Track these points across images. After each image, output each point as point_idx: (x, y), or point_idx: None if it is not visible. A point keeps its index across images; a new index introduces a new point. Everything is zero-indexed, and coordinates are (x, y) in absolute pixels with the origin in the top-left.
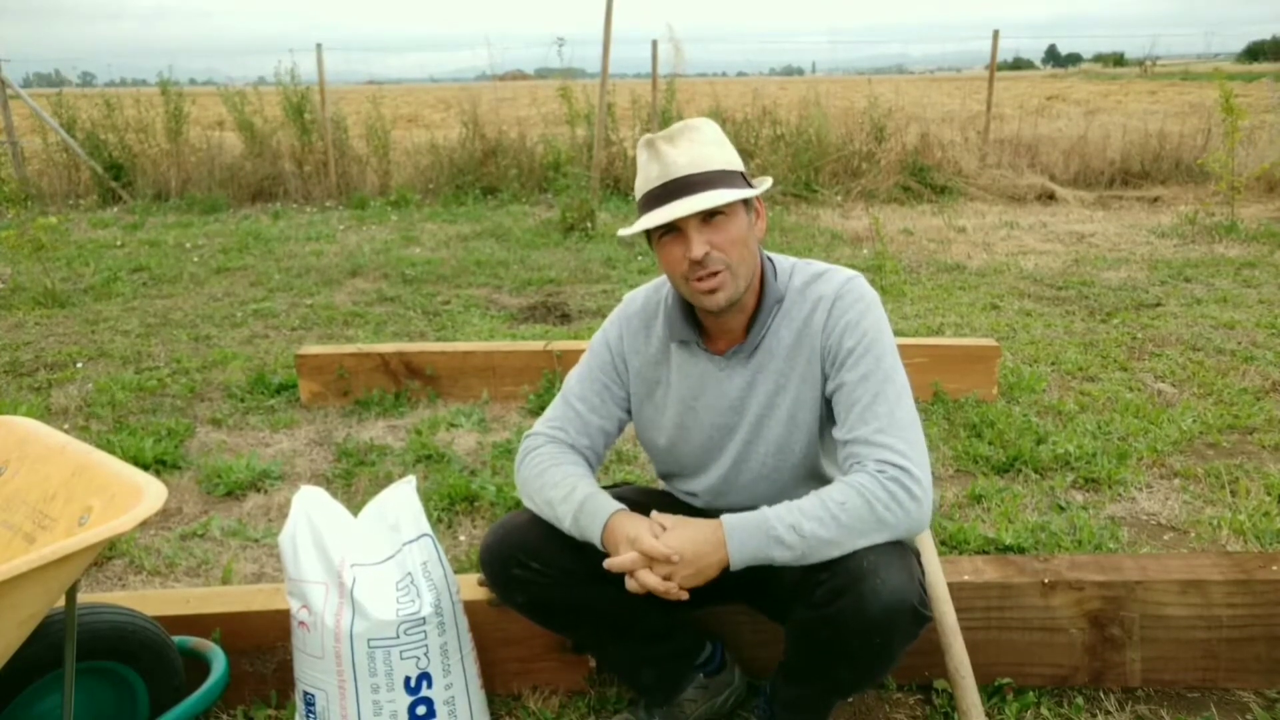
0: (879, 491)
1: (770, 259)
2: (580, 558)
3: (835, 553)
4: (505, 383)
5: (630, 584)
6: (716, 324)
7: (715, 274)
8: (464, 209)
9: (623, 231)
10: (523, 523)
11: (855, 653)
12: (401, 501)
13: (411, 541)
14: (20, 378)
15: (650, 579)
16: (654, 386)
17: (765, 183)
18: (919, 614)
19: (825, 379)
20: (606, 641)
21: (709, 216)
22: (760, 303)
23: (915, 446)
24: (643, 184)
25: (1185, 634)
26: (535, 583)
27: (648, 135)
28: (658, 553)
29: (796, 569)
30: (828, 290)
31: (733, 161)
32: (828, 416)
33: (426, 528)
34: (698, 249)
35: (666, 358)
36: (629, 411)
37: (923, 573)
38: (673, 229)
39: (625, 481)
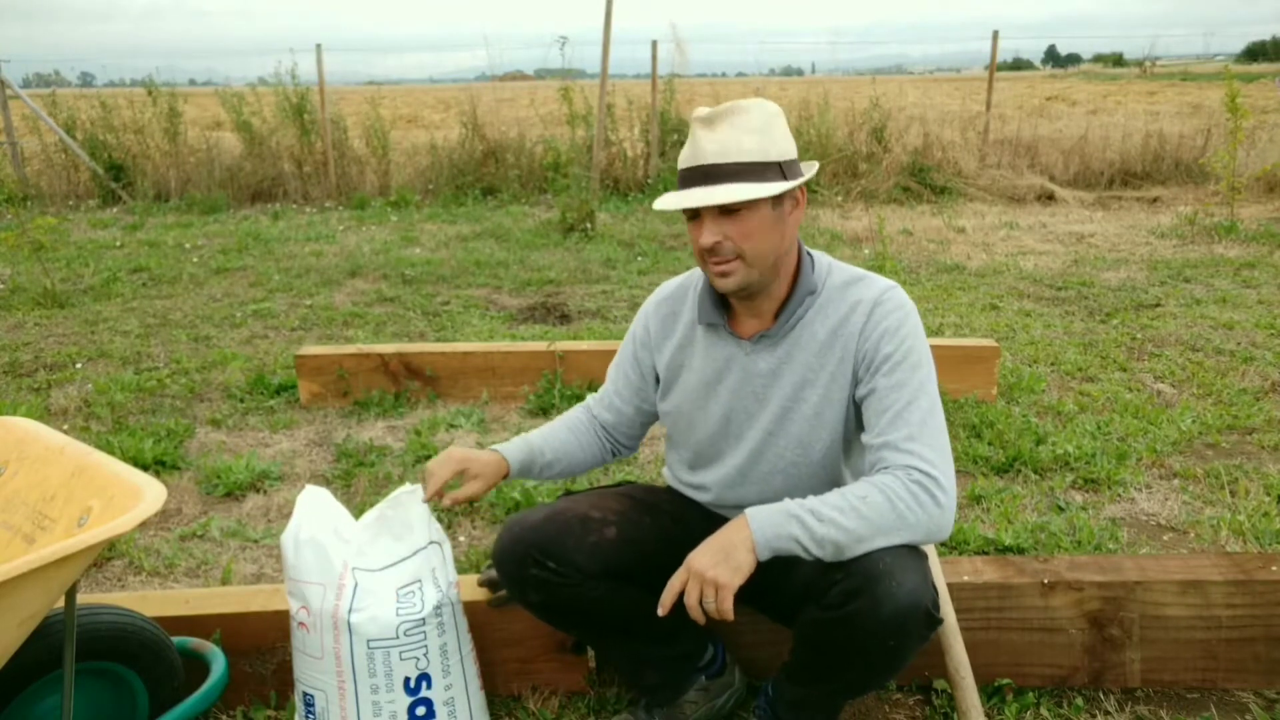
0: (901, 491)
1: (809, 253)
2: (594, 558)
3: (855, 546)
4: (505, 383)
5: (694, 613)
6: (745, 307)
7: (727, 261)
8: (464, 209)
9: (656, 203)
10: (538, 521)
11: (867, 654)
12: (412, 506)
13: (422, 549)
14: (20, 378)
15: (693, 596)
16: (679, 370)
17: (811, 169)
18: (932, 617)
19: (856, 382)
20: (613, 641)
21: (727, 207)
22: (792, 292)
23: (943, 456)
24: (680, 161)
25: (1185, 634)
26: (551, 582)
27: (696, 112)
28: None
29: (810, 569)
30: (868, 295)
31: (770, 151)
32: (855, 422)
33: (438, 535)
34: (708, 238)
35: (692, 340)
36: (648, 400)
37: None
38: (697, 213)
39: (627, 481)
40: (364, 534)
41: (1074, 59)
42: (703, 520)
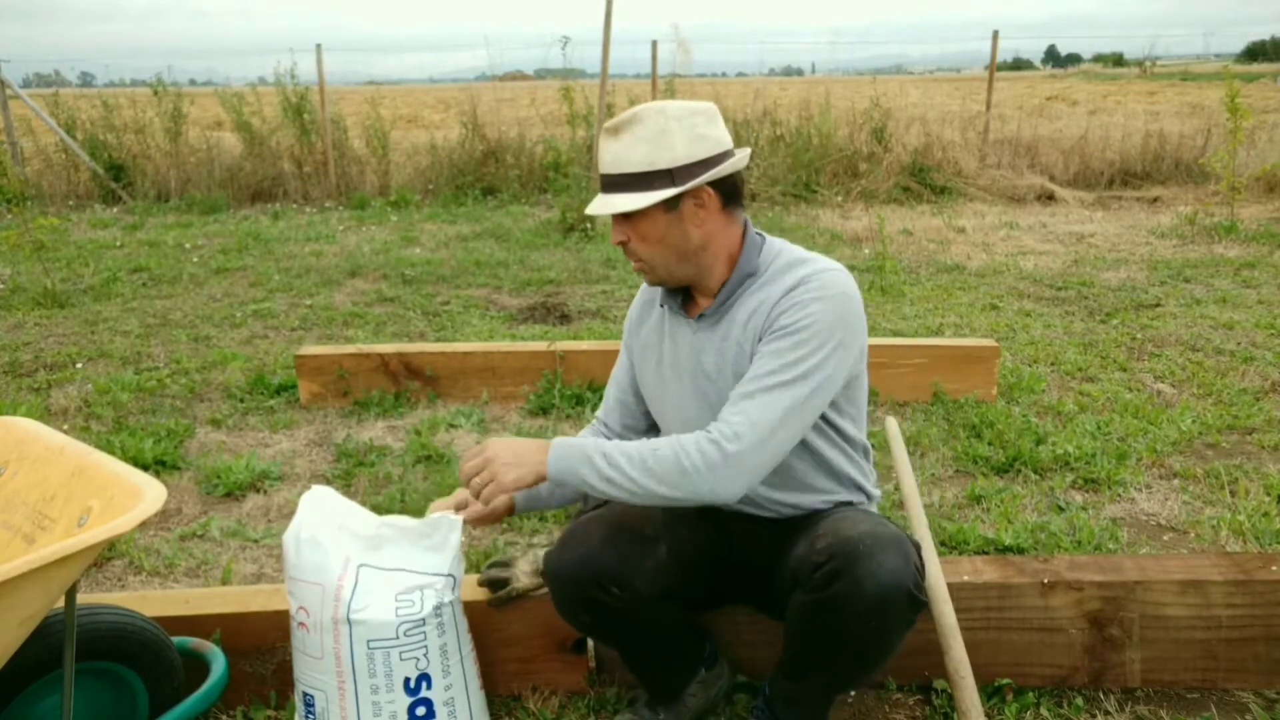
0: (692, 449)
1: (762, 236)
2: (654, 583)
3: (639, 494)
4: (505, 383)
5: (463, 478)
6: (696, 290)
7: (639, 260)
8: (464, 209)
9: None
10: (599, 542)
11: (852, 637)
12: (448, 535)
13: (440, 575)
14: (20, 378)
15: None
16: (649, 353)
17: (742, 154)
18: (914, 598)
19: None
20: (636, 650)
21: (626, 214)
22: (732, 274)
23: (757, 426)
24: None
25: (1185, 634)
26: (610, 606)
27: (609, 121)
28: (468, 467)
29: (796, 556)
30: (799, 274)
31: (659, 159)
32: None
33: (458, 569)
34: (614, 238)
35: (662, 325)
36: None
37: (920, 560)
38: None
39: None
40: (387, 530)
41: (1074, 59)
42: (714, 515)
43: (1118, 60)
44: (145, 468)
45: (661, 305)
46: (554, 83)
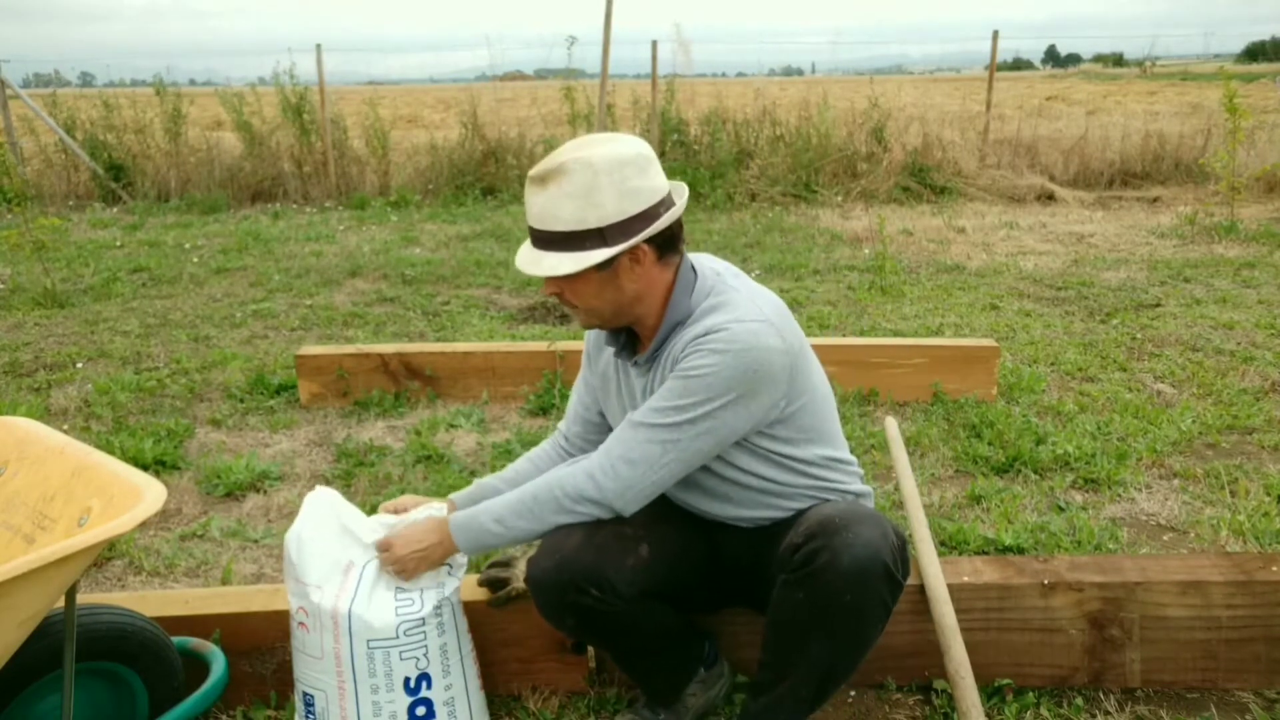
0: (571, 489)
1: (695, 271)
2: (634, 583)
3: (545, 531)
4: (505, 383)
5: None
6: (636, 330)
7: (575, 308)
8: (464, 209)
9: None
10: (578, 544)
11: (828, 611)
12: None
13: (440, 574)
14: (20, 378)
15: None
16: (605, 382)
17: (681, 195)
18: (892, 574)
19: None
20: (631, 652)
21: None
22: (663, 323)
23: (634, 464)
24: None
25: (1185, 635)
26: (592, 609)
27: (532, 169)
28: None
29: (780, 550)
30: (712, 322)
31: (588, 218)
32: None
33: (459, 570)
34: (546, 290)
35: (615, 359)
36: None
37: (900, 542)
38: None
39: None
40: (386, 531)
41: (1074, 59)
42: (697, 517)
43: (1118, 60)
44: (145, 468)
45: (609, 344)
46: (554, 83)
